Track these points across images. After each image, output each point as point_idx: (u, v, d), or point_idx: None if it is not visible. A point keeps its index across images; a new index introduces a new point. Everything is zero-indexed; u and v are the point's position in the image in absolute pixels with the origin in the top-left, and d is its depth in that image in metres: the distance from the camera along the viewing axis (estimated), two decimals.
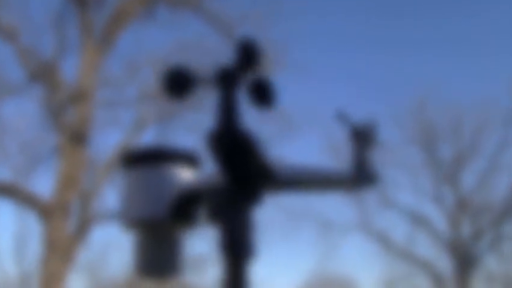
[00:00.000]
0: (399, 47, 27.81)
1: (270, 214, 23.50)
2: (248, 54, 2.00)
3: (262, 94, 2.06)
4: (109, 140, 17.70)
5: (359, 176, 2.10)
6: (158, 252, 2.15)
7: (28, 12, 12.76)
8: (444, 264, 19.73)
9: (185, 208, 2.09)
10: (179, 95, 2.04)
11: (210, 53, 12.23)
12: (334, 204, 23.27)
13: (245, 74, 2.02)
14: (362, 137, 2.13)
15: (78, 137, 11.47)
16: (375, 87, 27.73)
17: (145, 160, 2.15)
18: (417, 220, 19.90)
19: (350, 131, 2.13)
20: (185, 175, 2.15)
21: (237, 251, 1.93)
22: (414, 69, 26.05)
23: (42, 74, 11.94)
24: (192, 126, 12.77)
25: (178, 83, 2.04)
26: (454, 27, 27.61)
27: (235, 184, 1.99)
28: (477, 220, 19.88)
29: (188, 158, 2.19)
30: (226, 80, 2.00)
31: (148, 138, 13.45)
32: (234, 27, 12.85)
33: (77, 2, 12.17)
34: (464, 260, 19.39)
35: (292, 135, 13.26)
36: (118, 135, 12.72)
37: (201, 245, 9.95)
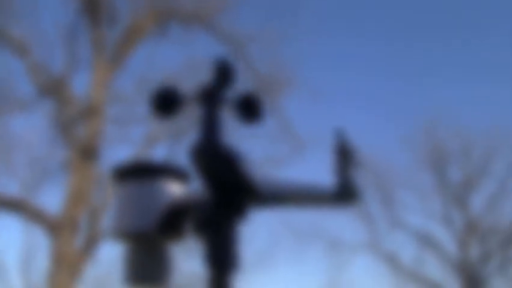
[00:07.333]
0: (410, 71, 27.83)
1: (278, 233, 23.53)
2: (223, 74, 2.13)
3: (249, 109, 2.19)
4: (119, 157, 17.61)
5: (342, 192, 2.15)
6: (146, 262, 2.22)
7: (39, 27, 12.74)
8: (453, 286, 19.65)
9: (173, 221, 2.16)
10: (167, 114, 2.16)
11: None
12: (343, 224, 23.16)
13: (222, 91, 2.14)
14: (346, 155, 2.18)
15: (88, 153, 11.47)
16: (385, 110, 27.68)
17: (135, 175, 2.23)
18: (426, 241, 19.84)
19: (335, 148, 2.19)
20: (174, 190, 2.22)
21: (221, 264, 1.99)
22: (424, 92, 26.04)
23: (53, 89, 11.96)
24: None
25: (166, 103, 2.15)
26: (465, 52, 27.61)
27: (219, 198, 2.05)
28: (485, 242, 19.85)
29: (177, 173, 2.25)
30: (208, 97, 2.12)
31: (158, 155, 13.45)
32: (245, 45, 12.87)
33: (90, 17, 12.20)
34: (472, 282, 19.32)
35: (302, 157, 13.18)
36: (128, 151, 12.68)
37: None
